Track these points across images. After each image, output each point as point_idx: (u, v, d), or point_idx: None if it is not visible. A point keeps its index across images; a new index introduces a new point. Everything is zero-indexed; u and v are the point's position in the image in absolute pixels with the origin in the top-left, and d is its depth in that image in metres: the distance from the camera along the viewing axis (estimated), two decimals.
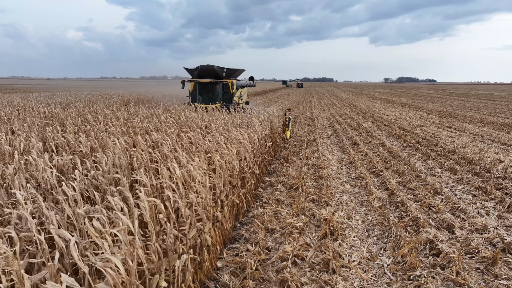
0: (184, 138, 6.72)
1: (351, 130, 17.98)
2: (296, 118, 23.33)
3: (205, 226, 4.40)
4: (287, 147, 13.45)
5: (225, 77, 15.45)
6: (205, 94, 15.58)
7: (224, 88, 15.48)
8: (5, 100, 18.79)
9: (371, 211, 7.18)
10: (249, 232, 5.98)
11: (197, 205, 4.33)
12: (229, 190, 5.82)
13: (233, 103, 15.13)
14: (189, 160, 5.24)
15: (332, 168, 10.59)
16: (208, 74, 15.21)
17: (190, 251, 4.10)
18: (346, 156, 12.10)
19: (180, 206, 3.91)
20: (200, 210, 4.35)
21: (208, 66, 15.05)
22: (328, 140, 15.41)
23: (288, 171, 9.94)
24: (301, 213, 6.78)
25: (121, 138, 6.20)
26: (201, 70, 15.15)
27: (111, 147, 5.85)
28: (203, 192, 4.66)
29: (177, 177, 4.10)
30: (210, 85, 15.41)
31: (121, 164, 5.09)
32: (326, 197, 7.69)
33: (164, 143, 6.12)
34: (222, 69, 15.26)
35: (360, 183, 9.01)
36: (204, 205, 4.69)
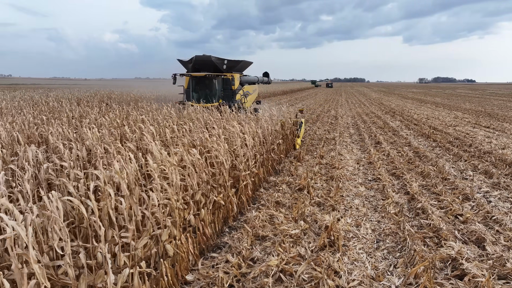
0: (167, 131, 5.99)
1: (375, 129, 16.71)
2: (318, 117, 22.21)
3: (163, 233, 3.61)
4: (302, 145, 12.48)
5: (225, 70, 13.20)
6: (200, 91, 13.22)
7: (224, 84, 13.20)
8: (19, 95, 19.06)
9: (385, 218, 6.15)
10: (233, 240, 5.15)
11: (153, 206, 3.56)
12: (209, 190, 5.01)
13: (235, 102, 13.00)
14: (144, 153, 4.48)
15: (348, 168, 9.55)
16: (204, 67, 12.87)
17: (142, 264, 3.33)
18: (365, 156, 10.98)
19: (123, 208, 3.15)
20: (158, 213, 3.57)
21: (205, 56, 12.72)
22: (349, 139, 14.28)
23: (297, 171, 9.01)
24: (301, 219, 5.86)
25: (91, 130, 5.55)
26: (196, 62, 12.77)
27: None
28: (169, 192, 3.89)
29: (117, 174, 3.33)
30: (206, 80, 13.05)
31: (82, 157, 4.42)
32: (333, 201, 6.71)
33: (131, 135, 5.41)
34: (222, 60, 13.01)
35: (377, 186, 7.94)
36: (171, 207, 3.92)
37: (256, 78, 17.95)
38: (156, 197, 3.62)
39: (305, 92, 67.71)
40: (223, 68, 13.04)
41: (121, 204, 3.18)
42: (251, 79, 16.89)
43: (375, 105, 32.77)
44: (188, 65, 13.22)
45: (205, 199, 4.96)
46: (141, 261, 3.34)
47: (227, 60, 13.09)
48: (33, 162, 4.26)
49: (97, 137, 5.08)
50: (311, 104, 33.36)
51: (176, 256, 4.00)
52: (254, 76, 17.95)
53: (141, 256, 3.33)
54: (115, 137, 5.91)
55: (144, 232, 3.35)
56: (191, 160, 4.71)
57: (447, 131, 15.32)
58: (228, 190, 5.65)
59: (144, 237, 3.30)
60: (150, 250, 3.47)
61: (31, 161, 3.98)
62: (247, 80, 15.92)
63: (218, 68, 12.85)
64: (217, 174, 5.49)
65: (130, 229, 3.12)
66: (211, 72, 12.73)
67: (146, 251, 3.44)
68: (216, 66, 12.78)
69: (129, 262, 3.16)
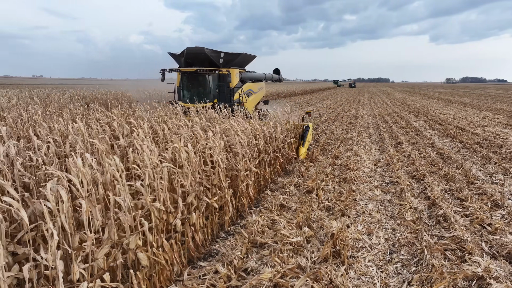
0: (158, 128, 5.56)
1: (397, 129, 15.83)
2: (337, 116, 21.42)
3: (131, 240, 3.15)
4: (317, 145, 11.84)
5: (223, 64, 11.57)
6: (192, 89, 11.60)
7: (219, 81, 11.47)
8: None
9: (401, 226, 5.50)
10: (226, 247, 4.64)
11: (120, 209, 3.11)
12: (201, 191, 4.53)
13: (234, 102, 11.40)
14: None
15: (363, 169, 8.88)
16: (198, 61, 11.18)
17: (106, 276, 2.88)
18: (384, 157, 10.25)
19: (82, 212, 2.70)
20: (126, 217, 3.11)
21: (197, 49, 11.04)
22: (368, 139, 13.52)
23: (308, 172, 8.43)
24: (305, 224, 5.30)
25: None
26: (188, 56, 11.11)
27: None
28: (143, 192, 3.44)
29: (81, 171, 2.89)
30: (198, 76, 11.36)
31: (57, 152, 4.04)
32: (343, 205, 6.10)
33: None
34: (218, 53, 11.32)
35: (394, 189, 7.26)
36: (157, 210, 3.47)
37: (263, 75, 16.18)
38: (127, 199, 3.17)
39: (326, 92, 66.53)
40: (219, 63, 11.47)
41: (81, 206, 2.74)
42: (256, 75, 15.12)
43: (399, 105, 31.54)
44: (180, 59, 11.62)
45: (197, 201, 4.49)
46: (104, 273, 2.89)
47: (224, 53, 11.50)
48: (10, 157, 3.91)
49: (82, 132, 4.70)
50: (331, 104, 32.48)
51: (154, 266, 3.55)
52: (261, 72, 16.19)
53: (103, 267, 2.89)
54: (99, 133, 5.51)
55: (106, 240, 2.90)
56: (184, 157, 4.24)
57: (475, 132, 14.29)
58: (224, 192, 5.16)
59: (105, 246, 2.85)
60: (115, 260, 3.01)
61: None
62: (251, 76, 14.23)
63: (213, 62, 11.27)
64: (211, 173, 5.01)
65: (88, 236, 2.68)
66: (205, 67, 11.14)
67: (111, 261, 2.99)
68: (211, 60, 11.17)
69: (87, 274, 2.71)
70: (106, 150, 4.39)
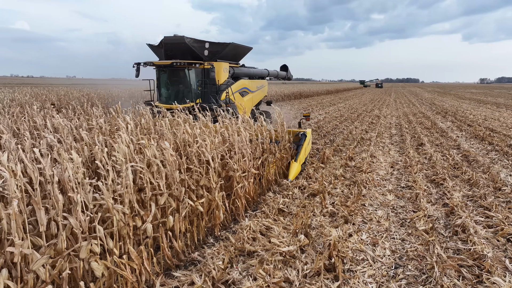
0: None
1: (420, 130, 14.91)
2: (359, 116, 20.57)
3: (82, 248, 2.77)
4: (331, 145, 11.21)
5: (208, 57, 9.98)
6: (172, 87, 9.96)
7: (203, 76, 9.74)
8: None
9: (411, 236, 4.88)
10: (208, 255, 4.20)
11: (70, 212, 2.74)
12: (182, 192, 4.11)
13: (221, 103, 9.71)
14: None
15: (378, 172, 8.22)
16: (178, 53, 9.65)
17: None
18: (403, 159, 9.52)
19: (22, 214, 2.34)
20: (73, 220, 2.73)
21: (176, 38, 9.52)
22: (388, 140, 12.74)
23: (317, 174, 7.87)
24: (303, 232, 4.78)
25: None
26: (166, 47, 9.64)
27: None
28: (104, 193, 3.06)
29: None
30: (176, 70, 9.57)
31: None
32: (348, 211, 5.53)
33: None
34: (202, 44, 9.75)
35: (409, 194, 6.60)
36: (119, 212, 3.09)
37: (265, 71, 14.19)
38: (80, 199, 2.80)
39: (351, 92, 65.00)
40: (204, 55, 9.90)
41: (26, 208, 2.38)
42: (255, 72, 13.24)
43: (426, 105, 30.12)
44: (160, 51, 10.02)
45: (176, 204, 4.09)
46: (46, 285, 2.52)
47: (209, 43, 9.91)
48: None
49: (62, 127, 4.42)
50: (355, 104, 31.46)
51: (116, 277, 3.16)
52: (263, 69, 14.26)
53: (45, 279, 2.52)
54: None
55: (47, 247, 2.54)
56: (152, 154, 3.85)
57: (507, 133, 13.19)
58: (214, 194, 4.73)
59: (45, 255, 2.48)
60: (60, 271, 2.64)
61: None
62: (247, 72, 12.41)
63: (196, 54, 9.72)
64: (198, 173, 4.59)
65: (16, 244, 2.31)
66: (188, 60, 9.52)
67: (56, 272, 2.62)
68: (193, 51, 9.62)
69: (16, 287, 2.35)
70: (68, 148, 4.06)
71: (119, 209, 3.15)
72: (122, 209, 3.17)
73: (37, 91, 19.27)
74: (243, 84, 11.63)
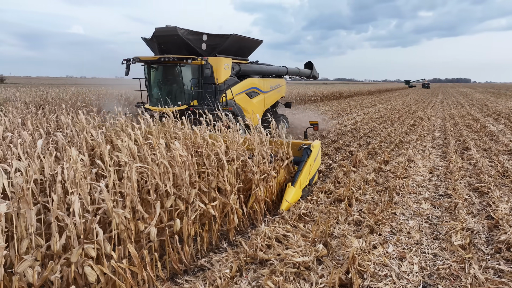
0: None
1: (467, 133, 13.81)
2: (400, 118, 19.53)
3: (73, 252, 2.65)
4: (366, 148, 10.63)
5: (207, 51, 8.88)
6: (164, 87, 8.82)
7: (198, 75, 8.54)
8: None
9: (445, 252, 4.38)
10: (216, 262, 3.98)
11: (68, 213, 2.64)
12: (191, 194, 3.94)
13: (217, 105, 7.62)
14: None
15: (415, 178, 7.62)
16: (172, 47, 8.68)
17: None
18: (444, 164, 8.79)
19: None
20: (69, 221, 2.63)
21: (168, 29, 8.47)
22: (430, 143, 11.90)
23: (347, 177, 7.43)
24: (322, 241, 4.44)
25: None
26: (159, 40, 8.71)
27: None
28: (104, 194, 2.94)
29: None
30: (167, 67, 8.56)
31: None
32: (374, 220, 5.10)
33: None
34: (199, 36, 8.65)
35: (448, 203, 6.00)
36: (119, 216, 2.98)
37: (283, 68, 12.54)
38: (77, 201, 2.69)
39: (395, 92, 62.44)
40: (201, 49, 8.79)
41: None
42: (269, 69, 11.56)
43: (476, 107, 28.08)
44: (153, 45, 9.08)
45: (185, 206, 3.93)
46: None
47: (207, 35, 8.76)
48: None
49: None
50: (397, 105, 30.05)
51: (114, 282, 3.04)
52: (282, 66, 12.59)
53: (32, 282, 2.43)
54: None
55: (34, 249, 2.45)
56: (161, 155, 3.71)
57: None
58: (229, 197, 4.52)
59: (26, 260, 2.39)
60: (48, 275, 2.54)
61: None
62: (259, 70, 10.91)
63: (192, 48, 8.64)
64: (212, 174, 4.41)
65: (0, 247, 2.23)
66: (183, 54, 8.37)
67: (47, 275, 2.53)
68: (189, 44, 8.54)
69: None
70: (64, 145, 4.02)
71: (119, 213, 3.02)
72: (122, 213, 3.05)
73: (80, 90, 20.25)
74: (252, 83, 10.22)
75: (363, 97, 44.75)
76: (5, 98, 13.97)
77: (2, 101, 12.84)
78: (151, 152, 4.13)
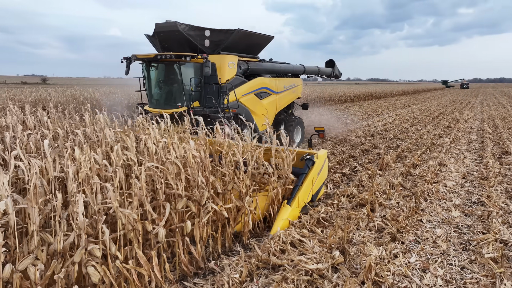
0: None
1: (508, 136, 12.95)
2: (434, 119, 18.68)
3: (76, 252, 2.64)
4: (395, 151, 10.20)
5: (210, 48, 8.29)
6: (163, 87, 8.39)
7: (200, 73, 7.89)
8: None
9: (474, 264, 4.05)
10: (226, 265, 3.89)
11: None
12: (204, 196, 3.86)
13: (222, 108, 7.73)
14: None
15: (446, 183, 7.19)
16: (174, 44, 8.25)
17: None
18: (479, 169, 8.25)
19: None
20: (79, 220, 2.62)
21: (169, 25, 7.98)
22: (465, 146, 11.25)
23: (371, 181, 7.12)
24: (339, 247, 4.24)
25: None
26: (160, 37, 8.28)
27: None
28: (110, 194, 2.93)
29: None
30: (165, 66, 8.09)
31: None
32: (397, 227, 4.82)
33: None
34: (201, 31, 8.09)
35: (480, 211, 5.59)
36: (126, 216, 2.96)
37: (300, 67, 11.63)
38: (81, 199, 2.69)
39: (431, 93, 60.05)
40: (203, 45, 8.18)
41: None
42: (283, 68, 10.69)
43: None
44: (156, 42, 8.61)
45: (197, 208, 3.86)
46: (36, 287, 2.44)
47: (210, 30, 8.13)
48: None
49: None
50: (432, 106, 28.82)
51: (119, 283, 3.02)
52: (298, 64, 11.70)
53: (34, 280, 2.44)
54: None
55: (36, 247, 2.45)
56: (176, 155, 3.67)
57: None
58: (243, 199, 4.42)
59: (26, 258, 2.39)
60: (53, 275, 2.54)
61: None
62: (271, 69, 10.08)
63: (194, 45, 8.05)
64: (228, 176, 4.33)
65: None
66: (185, 51, 7.88)
67: (50, 274, 2.53)
68: (190, 41, 7.99)
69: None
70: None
71: (126, 213, 3.00)
72: (129, 214, 3.02)
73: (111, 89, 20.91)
74: (262, 83, 9.48)
75: (396, 97, 43.35)
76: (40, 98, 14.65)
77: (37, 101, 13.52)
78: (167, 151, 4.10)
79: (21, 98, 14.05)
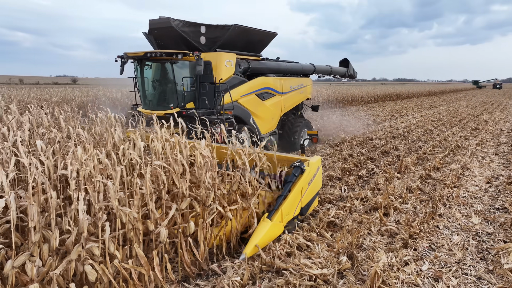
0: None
1: None
2: (461, 121, 17.96)
3: (73, 250, 2.66)
4: (416, 153, 9.85)
5: (206, 45, 7.90)
6: (158, 87, 7.93)
7: (192, 73, 7.51)
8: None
9: (491, 275, 3.82)
10: (227, 268, 3.83)
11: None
12: (209, 196, 3.83)
13: (217, 110, 7.40)
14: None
15: (468, 188, 6.86)
16: (168, 41, 7.90)
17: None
18: (506, 174, 7.84)
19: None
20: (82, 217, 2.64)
21: (162, 21, 7.60)
22: (492, 150, 10.73)
23: (388, 184, 6.89)
24: (347, 253, 4.11)
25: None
26: (154, 34, 7.96)
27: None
28: (111, 191, 2.94)
29: None
30: (156, 64, 7.67)
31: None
32: (410, 232, 4.62)
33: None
34: (196, 27, 7.69)
35: (504, 219, 5.29)
36: (127, 215, 2.97)
37: (310, 66, 11.02)
38: (81, 198, 2.71)
39: (460, 93, 57.97)
40: (199, 43, 7.79)
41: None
42: (290, 67, 10.13)
43: None
44: (152, 40, 8.26)
45: (201, 209, 3.84)
46: (30, 283, 2.48)
47: (206, 27, 7.70)
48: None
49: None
50: (460, 107, 27.78)
51: (118, 282, 3.02)
52: (308, 63, 11.11)
53: (31, 276, 2.47)
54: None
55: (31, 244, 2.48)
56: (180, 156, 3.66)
57: None
58: (249, 200, 4.36)
59: (22, 254, 2.42)
60: (48, 272, 2.57)
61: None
62: (276, 68, 9.53)
63: (189, 42, 7.68)
64: (234, 177, 4.28)
65: None
66: (180, 49, 7.40)
67: (46, 270, 2.56)
68: (185, 38, 7.62)
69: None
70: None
71: (127, 212, 3.00)
72: (130, 212, 3.02)
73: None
74: (264, 83, 8.87)
75: (422, 98, 42.12)
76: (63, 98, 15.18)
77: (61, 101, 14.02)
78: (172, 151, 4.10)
79: (46, 97, 14.64)
